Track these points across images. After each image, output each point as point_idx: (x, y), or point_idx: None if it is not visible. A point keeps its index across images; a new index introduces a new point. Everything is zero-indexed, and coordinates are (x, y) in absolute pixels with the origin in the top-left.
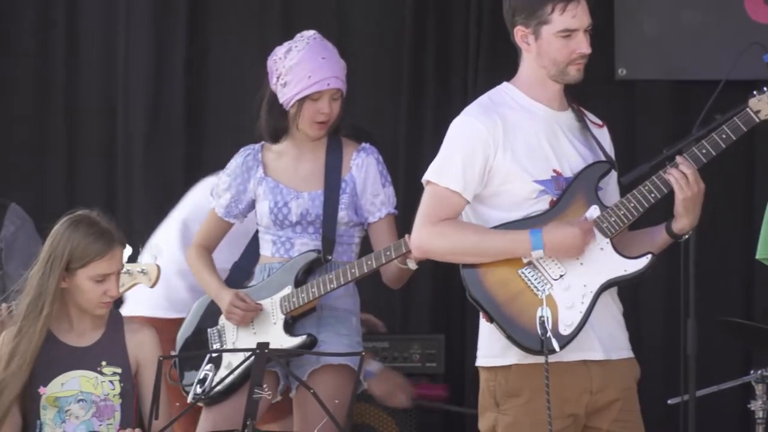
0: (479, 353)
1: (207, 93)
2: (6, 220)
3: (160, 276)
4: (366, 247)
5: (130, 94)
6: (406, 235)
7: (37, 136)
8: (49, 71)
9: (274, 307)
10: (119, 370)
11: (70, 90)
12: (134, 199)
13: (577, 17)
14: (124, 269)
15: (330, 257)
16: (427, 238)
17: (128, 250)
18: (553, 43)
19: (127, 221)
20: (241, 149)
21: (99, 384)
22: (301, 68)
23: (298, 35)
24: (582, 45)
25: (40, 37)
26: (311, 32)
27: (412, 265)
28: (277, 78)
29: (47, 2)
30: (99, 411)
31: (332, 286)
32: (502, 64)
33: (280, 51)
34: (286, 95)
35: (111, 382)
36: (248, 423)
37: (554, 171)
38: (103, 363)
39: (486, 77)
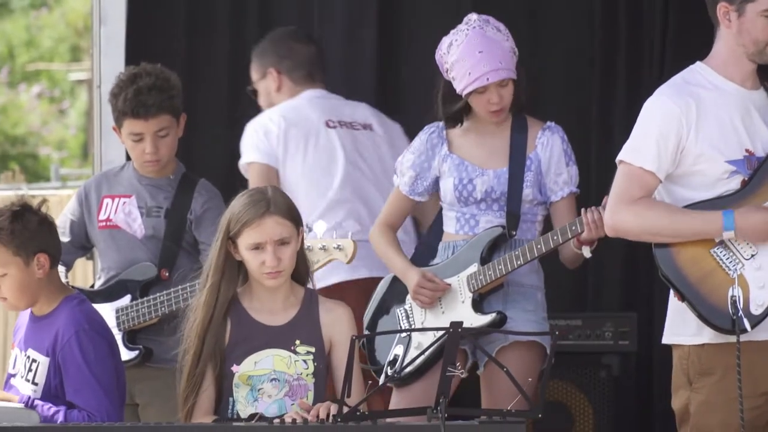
0: (670, 331)
1: (399, 68)
2: (195, 194)
3: (356, 253)
4: (548, 227)
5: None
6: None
7: (227, 113)
8: (240, 49)
9: (461, 285)
10: (313, 349)
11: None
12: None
13: None
14: (320, 245)
15: (514, 233)
16: (621, 218)
17: (322, 226)
18: (757, 22)
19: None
20: (426, 126)
21: (292, 363)
22: (462, 65)
23: (464, 22)
24: None
25: (235, 21)
26: (474, 18)
27: (586, 253)
28: (446, 71)
29: None
30: (292, 390)
31: (519, 262)
32: (694, 45)
33: (443, 45)
34: (457, 87)
35: (304, 361)
36: (441, 400)
37: (746, 150)
38: (297, 342)
39: (677, 58)
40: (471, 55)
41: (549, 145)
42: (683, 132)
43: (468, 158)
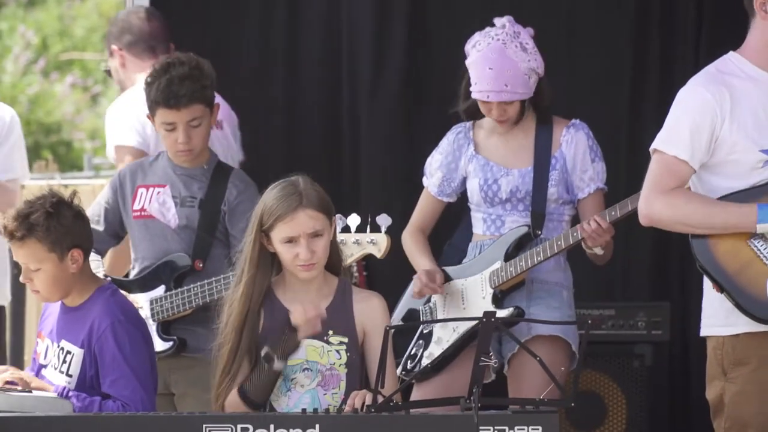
0: (706, 322)
1: (429, 60)
2: (229, 184)
3: (389, 247)
4: (576, 224)
5: (354, 66)
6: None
7: (253, 103)
8: (271, 31)
9: (483, 281)
10: (346, 340)
11: (292, 54)
12: (361, 169)
13: None
14: (354, 239)
15: (539, 232)
16: (655, 208)
17: (356, 219)
18: None
19: (353, 191)
20: (453, 127)
21: (325, 353)
22: (473, 71)
23: (497, 26)
24: None
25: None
26: (506, 26)
27: (599, 251)
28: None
29: None
30: (324, 380)
31: (539, 258)
32: (727, 34)
33: (471, 41)
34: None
35: (337, 351)
36: (474, 390)
37: None
38: (330, 332)
39: (710, 47)
40: (482, 68)
41: (573, 143)
42: (717, 121)
43: (493, 158)
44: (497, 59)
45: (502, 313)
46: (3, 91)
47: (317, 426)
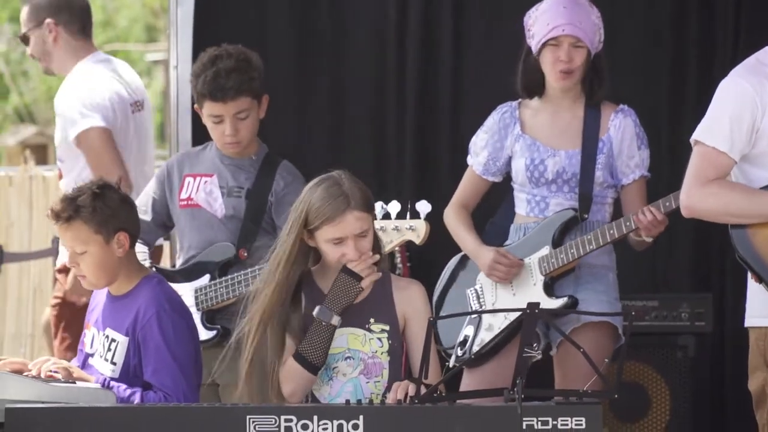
0: (750, 313)
1: (473, 48)
2: (277, 175)
3: (428, 233)
4: (618, 209)
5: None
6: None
7: (295, 95)
8: (315, 20)
9: (532, 267)
10: (387, 327)
11: (337, 43)
12: (405, 158)
13: None
14: (393, 226)
15: (586, 216)
16: (697, 199)
17: (396, 206)
18: None
19: (397, 179)
20: (498, 106)
21: (367, 341)
22: (544, 17)
23: None
24: None
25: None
26: None
27: (647, 239)
28: (529, 31)
29: None
30: (367, 368)
31: (591, 247)
32: (767, 20)
33: (533, 8)
34: (533, 46)
35: (379, 339)
36: (518, 381)
37: None
38: (372, 320)
39: (750, 39)
40: (556, 8)
41: (621, 128)
42: (758, 113)
43: (540, 138)
44: (570, 2)
45: (555, 303)
46: (49, 81)
47: (361, 417)
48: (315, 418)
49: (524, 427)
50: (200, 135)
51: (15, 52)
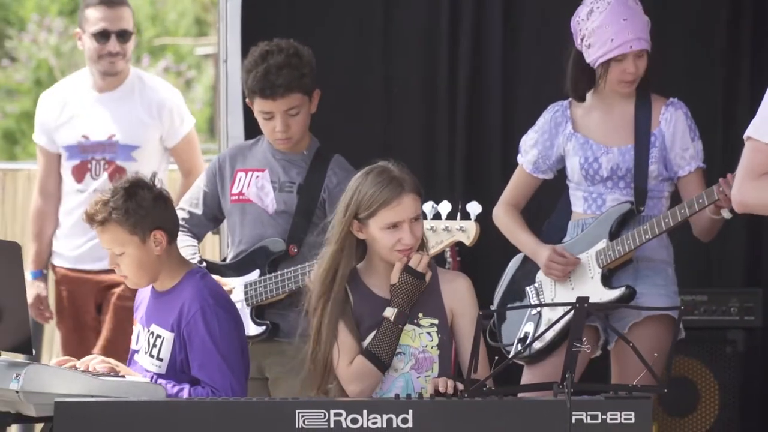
0: None
1: (522, 49)
2: (329, 170)
3: (478, 234)
4: (675, 202)
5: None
6: (718, 182)
7: (347, 90)
8: (367, 16)
9: (590, 261)
10: (436, 321)
11: (389, 41)
12: (456, 160)
13: None
14: (443, 226)
15: (642, 209)
16: (748, 193)
17: (447, 206)
18: None
19: (448, 181)
20: (550, 105)
21: (417, 336)
22: (604, 31)
23: None
24: None
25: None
26: None
27: (726, 215)
28: (581, 39)
29: None
30: (417, 363)
31: (647, 236)
32: None
33: (582, 12)
34: (591, 56)
35: (428, 333)
36: (567, 376)
37: None
38: (420, 315)
39: None
40: (615, 21)
41: (673, 121)
42: None
43: (592, 137)
44: (627, 11)
45: (613, 294)
46: None
47: (410, 411)
48: (365, 412)
49: (573, 421)
50: (252, 129)
51: (65, 45)
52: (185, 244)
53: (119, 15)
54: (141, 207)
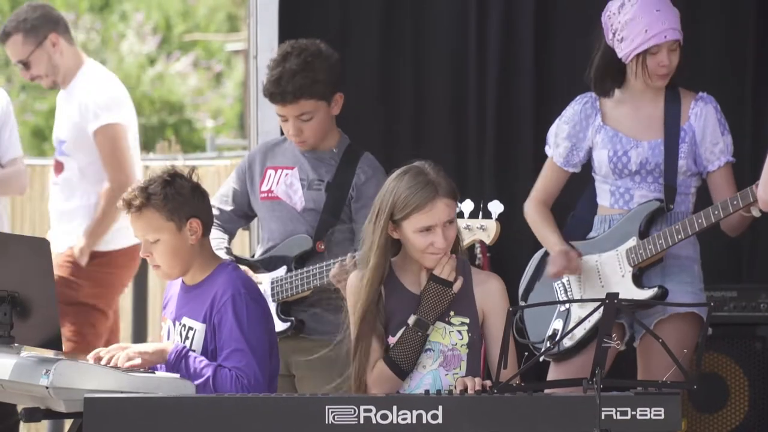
0: None
1: (555, 44)
2: (358, 168)
3: (499, 234)
4: (701, 198)
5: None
6: (754, 185)
7: (378, 86)
8: (397, 15)
9: (620, 259)
10: (467, 320)
11: (418, 40)
12: (485, 158)
13: None
14: (464, 225)
15: (672, 206)
16: None
17: (469, 205)
18: None
19: (477, 178)
20: (578, 96)
21: (447, 334)
22: (637, 23)
23: None
24: None
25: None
26: None
27: (756, 212)
28: (613, 34)
29: None
30: (446, 360)
31: (680, 236)
32: None
33: (613, 6)
34: (624, 50)
35: (459, 331)
36: (597, 372)
37: None
38: (452, 313)
39: None
40: (649, 12)
41: (702, 115)
42: None
43: (622, 130)
44: (659, 2)
45: (645, 294)
46: (126, 69)
47: (440, 407)
48: (394, 408)
49: (603, 417)
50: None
51: (93, 42)
52: (215, 236)
53: (9, 50)
54: (179, 194)
